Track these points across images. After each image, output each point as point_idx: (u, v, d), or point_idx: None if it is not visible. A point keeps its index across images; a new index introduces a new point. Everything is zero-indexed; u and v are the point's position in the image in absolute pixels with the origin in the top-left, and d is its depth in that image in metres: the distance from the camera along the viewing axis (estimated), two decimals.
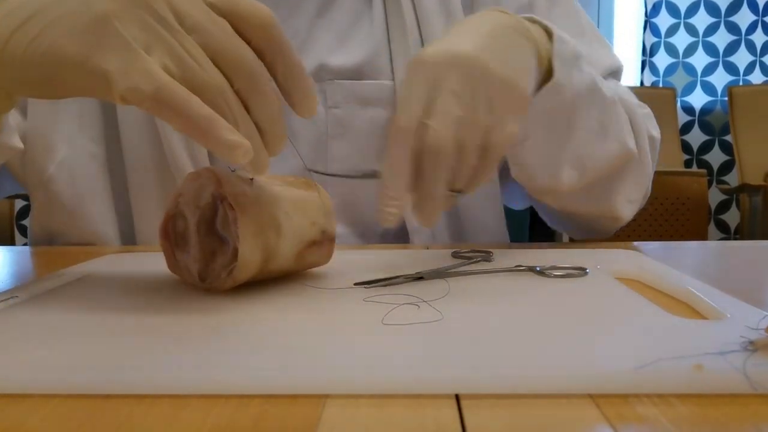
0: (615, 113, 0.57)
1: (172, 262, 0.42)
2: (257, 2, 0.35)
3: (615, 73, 0.68)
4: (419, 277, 0.42)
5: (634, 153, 0.58)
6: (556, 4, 0.70)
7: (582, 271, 0.43)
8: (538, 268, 0.43)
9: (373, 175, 0.68)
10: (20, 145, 0.55)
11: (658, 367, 0.25)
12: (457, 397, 0.25)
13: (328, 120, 0.67)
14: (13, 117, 0.61)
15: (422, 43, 0.67)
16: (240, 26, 0.34)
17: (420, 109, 0.41)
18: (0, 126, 0.49)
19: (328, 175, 0.67)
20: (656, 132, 0.65)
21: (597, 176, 0.57)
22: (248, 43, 0.34)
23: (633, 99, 0.64)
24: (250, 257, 0.38)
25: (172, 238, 0.42)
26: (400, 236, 0.71)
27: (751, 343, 0.27)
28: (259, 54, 0.34)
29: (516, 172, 0.58)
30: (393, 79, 0.68)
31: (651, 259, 0.48)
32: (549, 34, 0.51)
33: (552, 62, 0.50)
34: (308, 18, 0.67)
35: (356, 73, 0.67)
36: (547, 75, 0.51)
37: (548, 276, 0.42)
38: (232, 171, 0.40)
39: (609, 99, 0.56)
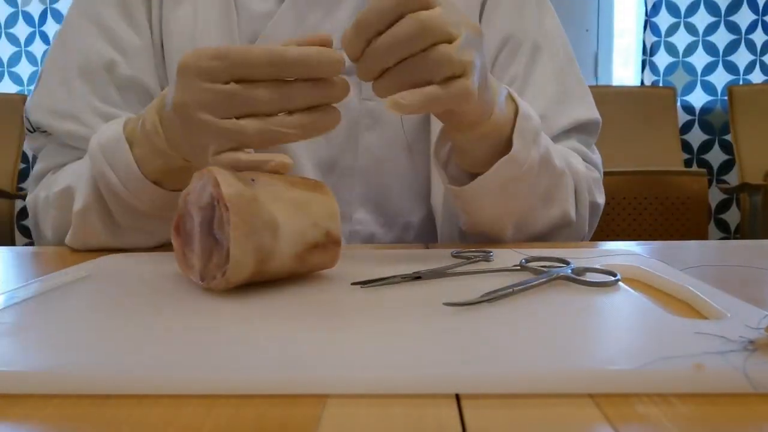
0: (563, 183, 0.63)
1: (182, 261, 0.42)
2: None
3: (583, 126, 0.72)
4: (417, 277, 0.41)
5: (572, 220, 0.64)
6: (541, 51, 0.73)
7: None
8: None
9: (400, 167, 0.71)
10: None
11: (658, 366, 0.25)
12: (458, 397, 0.25)
13: (361, 111, 0.70)
14: None
15: None
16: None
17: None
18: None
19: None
20: (601, 198, 0.70)
21: (535, 235, 0.64)
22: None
23: (581, 166, 0.68)
24: (242, 259, 0.37)
25: (183, 237, 0.42)
26: (423, 227, 0.72)
27: (751, 342, 0.27)
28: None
29: (465, 223, 0.63)
30: None
31: (651, 258, 0.48)
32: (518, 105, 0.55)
33: (512, 137, 0.54)
34: (346, 17, 0.69)
35: None
36: (506, 145, 0.54)
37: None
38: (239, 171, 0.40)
39: (558, 170, 0.61)
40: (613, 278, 0.40)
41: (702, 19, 2.73)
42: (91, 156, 0.55)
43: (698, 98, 2.75)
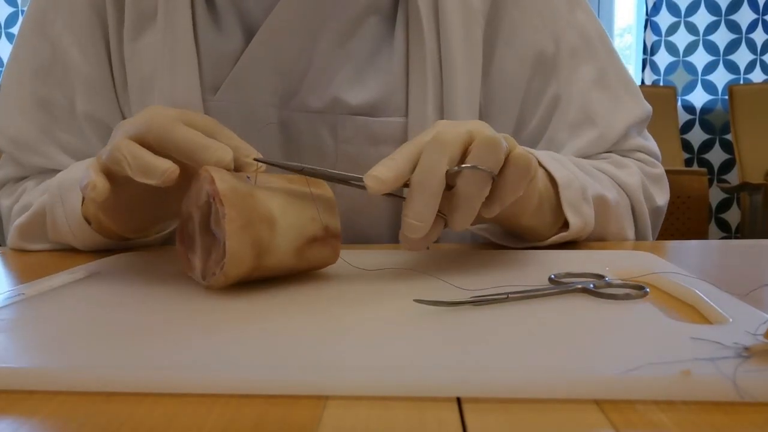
0: (616, 215, 0.61)
1: (187, 265, 0.42)
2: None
3: (639, 124, 0.69)
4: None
5: (630, 239, 0.63)
6: (579, 55, 0.68)
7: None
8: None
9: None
10: None
11: (644, 372, 0.25)
12: (459, 400, 0.25)
13: (338, 155, 0.65)
14: None
15: (441, 78, 0.65)
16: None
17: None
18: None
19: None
20: (661, 198, 0.68)
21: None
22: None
23: (633, 176, 0.65)
24: (239, 251, 0.37)
25: (186, 243, 0.42)
26: None
27: (746, 349, 0.26)
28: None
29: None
30: (406, 115, 0.65)
31: (663, 260, 0.46)
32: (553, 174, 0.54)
33: (563, 209, 0.53)
34: (328, 47, 0.64)
35: (371, 110, 0.65)
36: (558, 211, 0.54)
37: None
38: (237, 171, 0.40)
39: (612, 206, 0.60)
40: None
41: (702, 18, 2.73)
42: (50, 189, 0.58)
43: (699, 97, 2.75)
